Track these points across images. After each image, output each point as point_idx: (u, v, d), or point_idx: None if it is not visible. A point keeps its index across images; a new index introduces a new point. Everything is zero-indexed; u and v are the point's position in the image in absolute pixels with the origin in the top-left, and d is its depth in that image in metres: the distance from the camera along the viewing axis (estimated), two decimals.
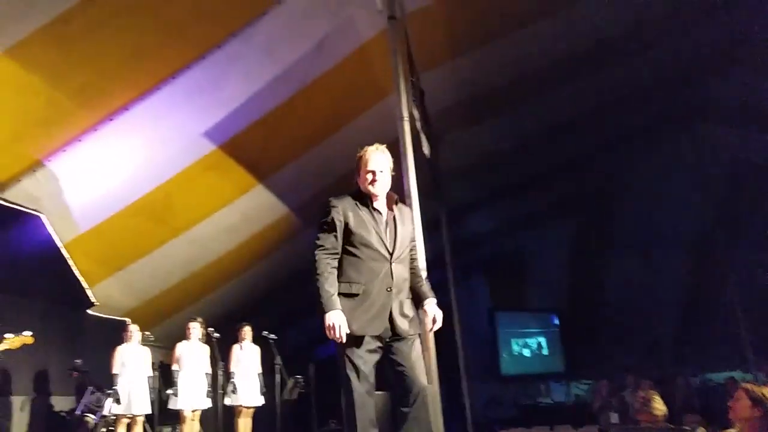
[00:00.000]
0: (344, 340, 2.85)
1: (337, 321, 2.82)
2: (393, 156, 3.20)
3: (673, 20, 6.97)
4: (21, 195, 5.24)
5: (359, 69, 5.86)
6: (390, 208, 3.11)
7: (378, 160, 3.05)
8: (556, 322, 12.97)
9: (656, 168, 10.97)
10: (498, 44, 6.42)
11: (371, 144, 3.10)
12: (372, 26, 5.35)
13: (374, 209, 3.05)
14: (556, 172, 10.43)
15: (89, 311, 6.84)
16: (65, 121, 4.92)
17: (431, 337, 3.99)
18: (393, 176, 3.10)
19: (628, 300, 11.41)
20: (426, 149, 5.77)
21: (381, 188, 3.04)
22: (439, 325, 3.15)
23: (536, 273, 13.13)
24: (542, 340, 12.73)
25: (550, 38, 6.51)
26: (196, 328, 6.67)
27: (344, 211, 3.01)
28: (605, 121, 9.18)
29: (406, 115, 4.55)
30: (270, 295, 8.88)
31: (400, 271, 3.03)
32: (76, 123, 5.00)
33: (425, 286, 3.20)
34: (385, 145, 3.06)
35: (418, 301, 3.15)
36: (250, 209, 7.00)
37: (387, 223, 3.06)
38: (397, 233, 3.05)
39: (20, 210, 5.27)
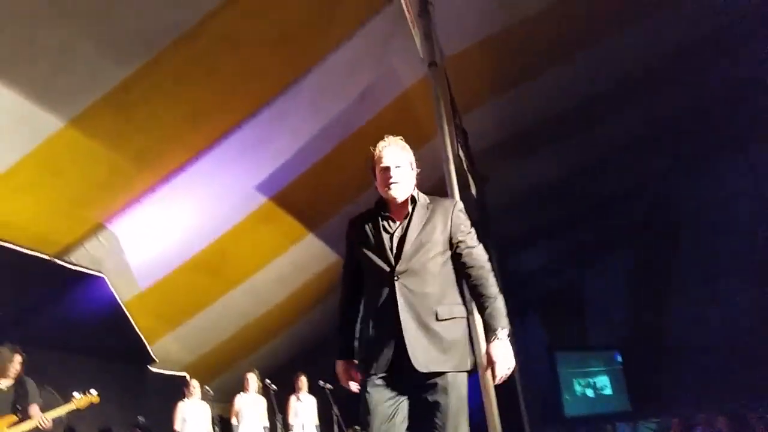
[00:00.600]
0: (355, 390, 2.48)
1: (338, 372, 2.53)
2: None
3: (719, 43, 6.87)
4: (84, 257, 5.45)
5: (402, 115, 5.96)
6: (407, 208, 2.47)
7: (393, 153, 2.47)
8: (619, 359, 12.46)
9: (713, 194, 10.62)
10: (539, 79, 6.45)
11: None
12: (413, 73, 5.46)
13: (386, 216, 2.48)
14: (609, 203, 10.23)
15: (150, 368, 6.97)
16: (126, 184, 5.14)
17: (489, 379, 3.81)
18: (419, 173, 2.52)
19: (694, 333, 10.88)
20: (473, 190, 5.77)
21: (402, 189, 2.43)
22: (501, 375, 2.34)
23: (595, 309, 12.72)
24: (605, 378, 12.22)
25: (592, 69, 6.50)
26: (253, 380, 6.70)
27: (354, 228, 2.56)
28: (656, 149, 9.01)
29: (451, 156, 4.58)
30: (324, 343, 8.86)
31: (417, 285, 2.37)
32: (136, 185, 5.22)
33: (491, 309, 2.38)
34: (401, 137, 2.56)
35: (486, 331, 2.46)
36: (301, 258, 7.09)
37: (398, 230, 2.46)
38: (407, 235, 2.41)
39: (84, 272, 5.47)
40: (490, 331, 2.39)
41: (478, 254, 2.50)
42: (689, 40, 6.54)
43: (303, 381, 7.03)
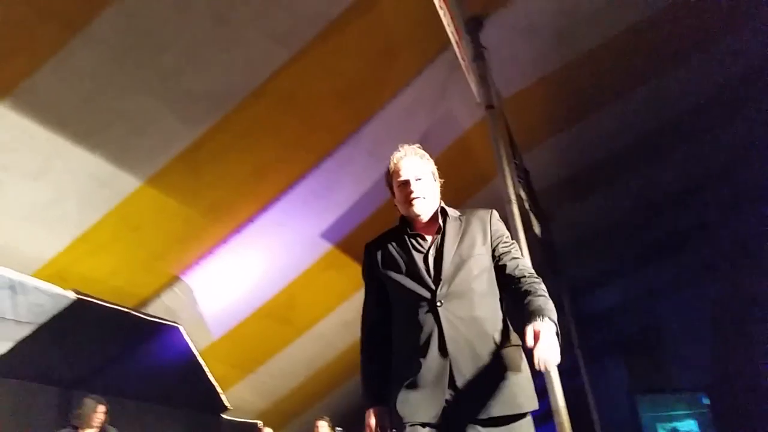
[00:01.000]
0: None
1: (368, 419, 2.13)
2: None
3: None
4: (161, 309, 5.69)
5: (462, 157, 5.99)
6: (437, 223, 2.15)
7: (411, 164, 2.17)
8: (706, 401, 11.69)
9: None
10: (600, 114, 6.35)
11: None
12: (471, 116, 5.51)
13: (413, 234, 2.15)
14: (686, 237, 9.79)
15: (223, 415, 7.11)
16: (199, 237, 5.38)
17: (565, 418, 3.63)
18: (442, 184, 2.22)
19: None
20: (537, 229, 5.68)
21: (427, 204, 2.12)
22: (542, 357, 1.77)
23: (677, 348, 12.03)
24: (692, 423, 11.47)
25: (655, 102, 6.36)
26: (324, 427, 6.68)
27: (374, 253, 2.21)
28: (731, 180, 8.62)
29: (513, 197, 4.55)
30: None
31: (464, 310, 2.01)
32: (209, 238, 5.45)
33: (540, 301, 1.94)
34: (418, 145, 2.28)
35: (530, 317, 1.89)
36: None
37: (432, 248, 2.12)
38: (444, 252, 2.07)
39: (161, 323, 5.70)
40: (536, 315, 1.89)
41: (525, 265, 2.15)
42: (756, 67, 6.31)
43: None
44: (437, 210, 2.18)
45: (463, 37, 4.34)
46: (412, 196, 2.13)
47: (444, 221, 2.17)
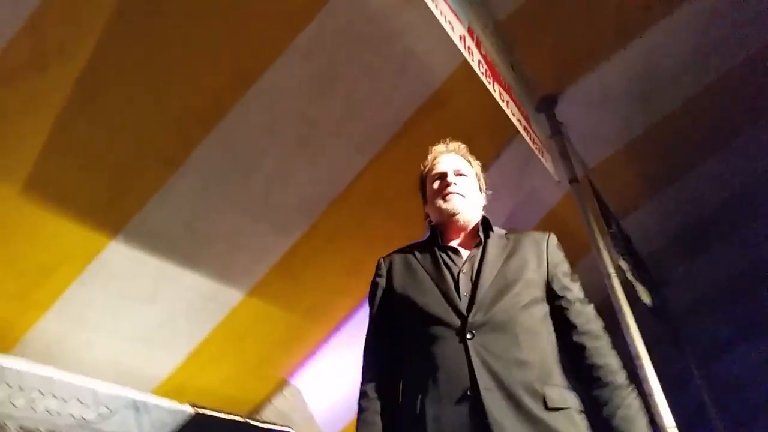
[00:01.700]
0: None
1: None
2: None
3: None
4: (273, 413, 5.81)
5: (554, 233, 5.86)
6: (477, 238, 1.76)
7: (453, 158, 1.92)
8: None
9: None
10: (696, 171, 6.05)
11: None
12: (557, 191, 5.42)
13: (445, 248, 1.77)
14: None
15: None
16: (301, 339, 5.53)
17: None
18: (488, 191, 1.93)
19: None
20: (646, 298, 5.36)
21: (465, 204, 1.79)
22: None
23: None
24: None
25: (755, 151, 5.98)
26: None
27: (389, 269, 1.82)
28: None
29: (611, 270, 4.36)
30: None
31: (504, 348, 1.53)
32: (310, 339, 5.59)
33: (624, 409, 1.52)
34: (460, 143, 2.00)
35: None
36: None
37: (467, 264, 1.71)
38: (483, 271, 1.65)
39: (274, 429, 5.80)
40: None
41: (590, 315, 1.69)
42: None
43: None
44: (478, 222, 1.80)
45: (533, 120, 4.36)
46: (449, 189, 1.79)
47: (486, 235, 1.78)
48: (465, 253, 1.78)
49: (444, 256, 1.77)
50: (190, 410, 4.74)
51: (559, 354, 1.65)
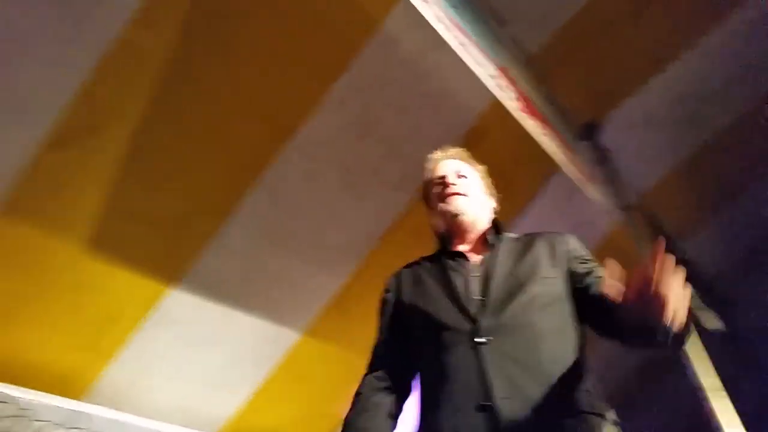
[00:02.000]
0: None
1: None
2: None
3: None
4: None
5: (613, 258, 5.72)
6: (485, 244, 1.69)
7: (450, 163, 1.88)
8: None
9: None
10: (759, 184, 5.78)
11: None
12: (610, 218, 5.31)
13: (453, 254, 1.70)
14: None
15: None
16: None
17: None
18: (497, 194, 1.87)
19: None
20: (710, 322, 5.13)
21: (468, 204, 1.73)
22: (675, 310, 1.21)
23: None
24: None
25: None
26: None
27: (398, 284, 1.75)
28: None
29: None
30: None
31: (522, 350, 1.41)
32: None
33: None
34: (460, 148, 1.95)
35: (641, 330, 1.29)
36: None
37: (477, 268, 1.63)
38: (494, 273, 1.56)
39: None
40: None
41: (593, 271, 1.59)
42: None
43: None
44: (486, 227, 1.72)
45: (576, 150, 4.34)
46: (449, 190, 1.74)
47: (497, 238, 1.70)
48: (475, 258, 1.68)
49: (452, 262, 1.68)
50: None
51: (583, 352, 1.48)
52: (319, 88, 3.97)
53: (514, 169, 4.98)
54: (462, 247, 1.76)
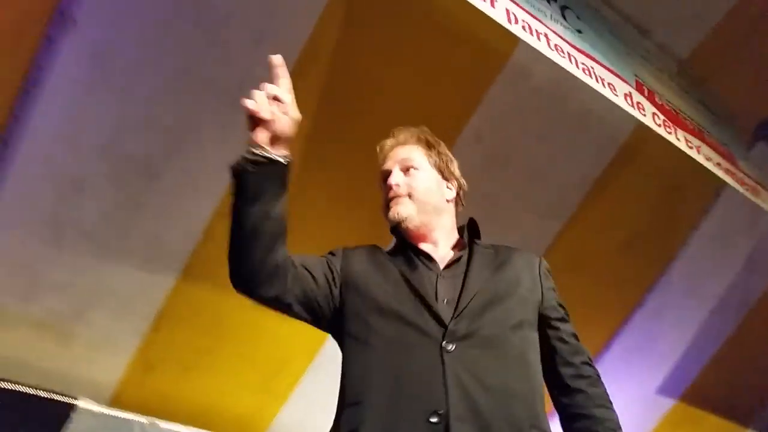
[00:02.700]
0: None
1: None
2: None
3: None
4: None
5: None
6: (457, 248, 1.53)
7: (397, 152, 1.60)
8: None
9: None
10: None
11: None
12: None
13: (417, 251, 1.48)
14: None
15: None
16: None
17: None
18: (459, 174, 1.64)
19: None
20: None
21: (410, 206, 1.50)
22: None
23: None
24: None
25: None
26: None
27: (346, 254, 1.51)
28: None
29: None
30: None
31: (492, 369, 1.26)
32: None
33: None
34: (415, 127, 1.68)
35: None
36: None
37: (447, 269, 1.45)
38: (468, 279, 1.39)
39: None
40: None
41: (587, 356, 1.45)
42: None
43: None
44: (454, 226, 1.54)
45: (742, 157, 3.90)
46: (390, 194, 1.52)
47: (470, 245, 1.51)
48: (442, 258, 1.49)
49: (417, 259, 1.46)
50: None
51: (543, 392, 1.37)
52: (455, 126, 3.99)
53: (677, 182, 4.59)
54: (424, 246, 1.52)
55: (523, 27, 2.78)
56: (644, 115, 3.08)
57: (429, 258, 1.47)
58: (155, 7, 3.07)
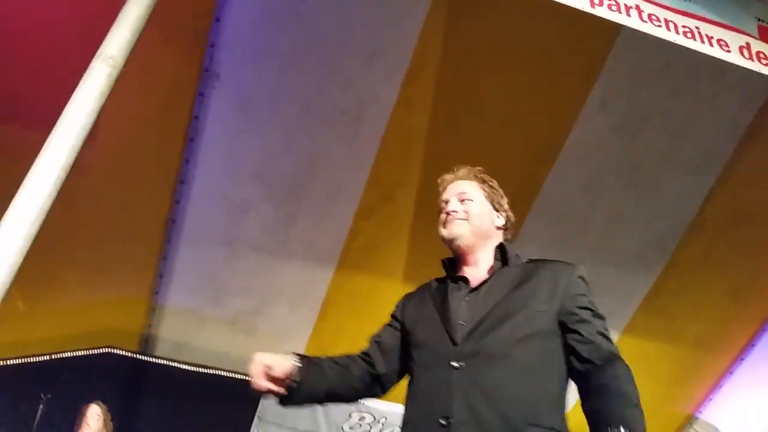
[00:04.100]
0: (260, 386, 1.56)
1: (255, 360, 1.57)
2: None
3: None
4: None
5: None
6: (491, 268, 1.66)
7: (455, 186, 1.79)
8: None
9: None
10: None
11: None
12: None
13: (456, 278, 1.68)
14: None
15: None
16: (697, 372, 5.23)
17: None
18: (508, 208, 1.79)
19: None
20: None
21: (464, 227, 1.68)
22: None
23: None
24: None
25: None
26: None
27: (404, 305, 1.80)
28: None
29: None
30: None
31: (493, 382, 1.42)
32: (709, 371, 5.23)
33: (609, 404, 1.38)
34: (469, 167, 1.86)
35: None
36: None
37: (473, 293, 1.62)
38: (486, 299, 1.57)
39: None
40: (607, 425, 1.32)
41: (608, 355, 1.47)
42: None
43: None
44: (494, 250, 1.69)
45: None
46: (447, 216, 1.72)
47: (502, 264, 1.66)
48: (476, 282, 1.66)
49: (453, 285, 1.67)
50: None
51: (561, 393, 1.51)
52: (578, 98, 3.95)
53: None
54: (467, 270, 1.70)
55: (609, 7, 2.70)
56: (766, 65, 2.83)
57: (465, 281, 1.66)
58: (280, 50, 3.50)
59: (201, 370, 4.23)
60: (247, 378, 1.68)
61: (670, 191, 4.37)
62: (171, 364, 4.26)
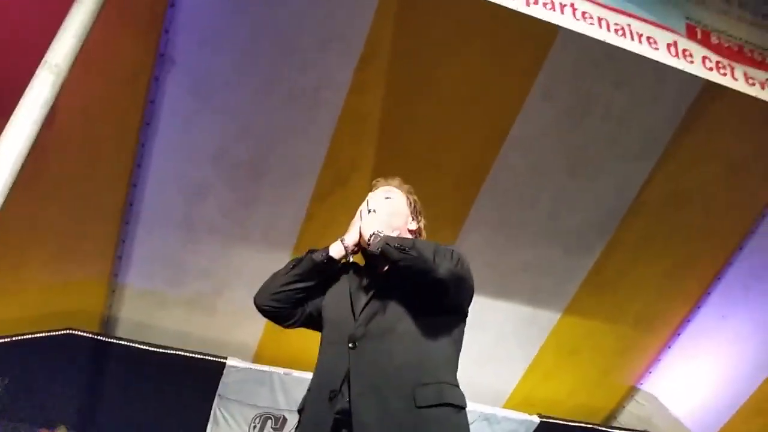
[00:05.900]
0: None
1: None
2: None
3: None
4: (631, 419, 5.90)
5: None
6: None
7: (379, 193, 2.08)
8: None
9: None
10: None
11: None
12: None
13: (372, 268, 1.95)
14: None
15: None
16: (638, 347, 5.54)
17: None
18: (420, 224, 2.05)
19: None
20: None
21: (372, 223, 1.91)
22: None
23: None
24: None
25: None
26: None
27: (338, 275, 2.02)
28: None
29: None
30: None
31: (380, 354, 1.69)
32: (650, 346, 5.55)
33: None
34: (390, 178, 2.15)
35: None
36: None
37: (375, 282, 1.87)
38: (380, 287, 1.83)
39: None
40: None
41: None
42: None
43: None
44: None
45: None
46: (363, 215, 1.96)
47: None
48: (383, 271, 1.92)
49: (365, 271, 1.96)
50: (536, 419, 5.30)
51: (448, 351, 1.77)
52: (521, 88, 4.13)
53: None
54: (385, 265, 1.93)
55: (544, 4, 2.83)
56: (691, 63, 3.02)
57: (375, 269, 1.92)
58: (236, 34, 3.58)
59: (162, 350, 4.31)
60: (207, 357, 1.88)
61: (611, 175, 4.62)
62: (132, 345, 4.33)
